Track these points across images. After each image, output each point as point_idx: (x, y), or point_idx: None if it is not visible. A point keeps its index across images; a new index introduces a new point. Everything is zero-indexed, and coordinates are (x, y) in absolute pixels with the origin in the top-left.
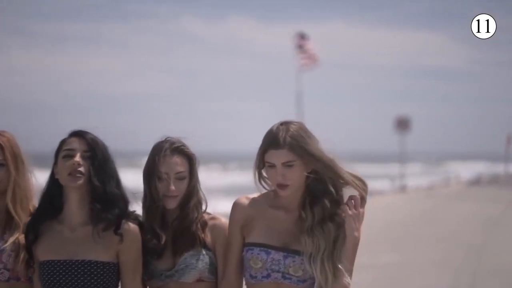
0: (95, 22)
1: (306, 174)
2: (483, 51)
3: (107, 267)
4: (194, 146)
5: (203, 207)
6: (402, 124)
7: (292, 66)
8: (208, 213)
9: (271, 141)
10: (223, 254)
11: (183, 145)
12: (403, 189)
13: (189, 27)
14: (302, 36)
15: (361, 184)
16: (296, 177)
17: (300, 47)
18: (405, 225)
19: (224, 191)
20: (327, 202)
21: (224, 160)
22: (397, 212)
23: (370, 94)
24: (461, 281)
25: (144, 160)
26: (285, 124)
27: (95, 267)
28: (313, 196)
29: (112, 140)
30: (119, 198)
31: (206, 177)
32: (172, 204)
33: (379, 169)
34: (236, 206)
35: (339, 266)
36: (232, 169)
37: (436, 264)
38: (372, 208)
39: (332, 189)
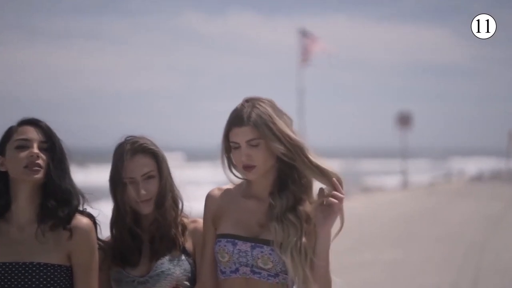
0: (97, 19)
1: (278, 156)
2: (485, 48)
3: (58, 271)
4: (158, 141)
5: (180, 206)
6: (404, 120)
7: (294, 62)
8: (189, 217)
9: (234, 118)
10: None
11: (145, 142)
12: (405, 185)
13: (191, 23)
14: (304, 33)
15: (336, 176)
16: (262, 157)
17: (303, 44)
18: (407, 223)
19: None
20: (295, 188)
21: None
22: (398, 209)
23: (372, 90)
24: (463, 279)
25: None
26: (251, 100)
27: (44, 271)
28: (283, 182)
29: (114, 137)
30: (74, 195)
31: (212, 174)
32: (147, 209)
33: (381, 166)
34: (207, 198)
35: (314, 259)
36: None
37: (438, 262)
38: (373, 205)
39: (298, 175)
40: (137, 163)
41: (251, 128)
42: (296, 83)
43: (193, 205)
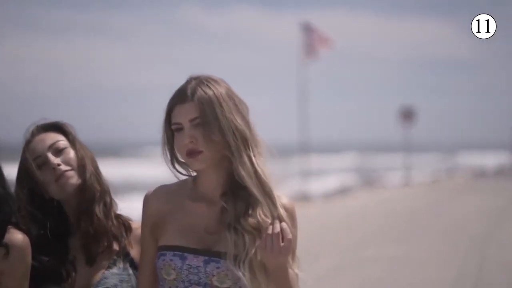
0: (98, 13)
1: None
2: (488, 42)
3: None
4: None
5: (110, 194)
6: (407, 115)
7: (296, 57)
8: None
9: (177, 95)
10: None
11: (58, 122)
12: (408, 181)
13: (193, 18)
14: (307, 27)
15: (274, 202)
16: (209, 141)
17: (306, 39)
18: (410, 218)
19: None
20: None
21: None
22: (401, 205)
23: (375, 85)
24: (466, 273)
25: (149, 150)
26: (199, 77)
27: None
28: (238, 181)
29: (115, 131)
30: (7, 199)
31: None
32: (69, 185)
33: (384, 161)
34: (145, 201)
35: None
36: None
37: (441, 257)
38: (376, 201)
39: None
40: (44, 137)
41: (195, 105)
42: (299, 78)
43: None
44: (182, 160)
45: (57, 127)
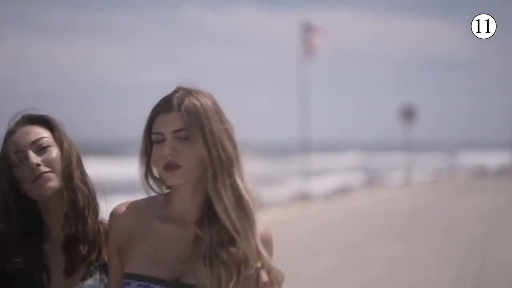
0: (100, 12)
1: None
2: (491, 41)
3: None
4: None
5: (96, 201)
6: (407, 115)
7: (296, 56)
8: None
9: (162, 103)
10: None
11: (46, 116)
12: (408, 180)
13: (192, 17)
14: (307, 27)
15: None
16: (191, 156)
17: (305, 38)
18: (410, 218)
19: None
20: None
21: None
22: (402, 204)
23: (375, 84)
24: (466, 274)
25: None
26: (187, 88)
27: None
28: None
29: (115, 130)
30: None
31: None
32: (48, 186)
33: (385, 160)
34: (111, 218)
35: None
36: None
37: (442, 256)
38: (377, 201)
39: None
40: (25, 131)
41: (181, 116)
42: (299, 77)
43: None
44: (157, 176)
45: (44, 121)
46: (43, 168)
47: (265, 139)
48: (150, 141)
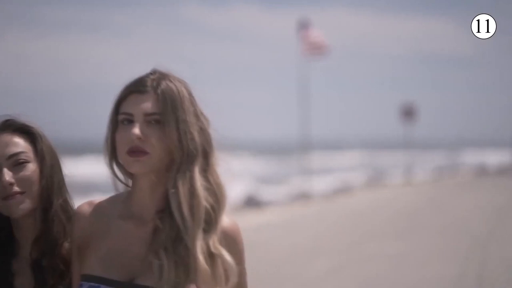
0: (100, 10)
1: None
2: (491, 39)
3: None
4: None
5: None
6: (408, 113)
7: (296, 54)
8: None
9: (135, 83)
10: None
11: (31, 127)
12: (409, 179)
13: (192, 14)
14: (305, 24)
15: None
16: (160, 144)
17: (304, 35)
18: (411, 216)
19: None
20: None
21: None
22: (403, 202)
23: (376, 83)
24: (468, 271)
25: None
26: (163, 72)
27: None
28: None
29: None
30: None
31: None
32: (16, 210)
33: (386, 158)
34: (73, 219)
35: None
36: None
37: (443, 254)
38: (377, 199)
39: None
40: (4, 142)
41: (156, 99)
42: (299, 75)
43: None
44: (121, 162)
45: (26, 132)
46: (16, 188)
47: (265, 137)
48: (117, 122)
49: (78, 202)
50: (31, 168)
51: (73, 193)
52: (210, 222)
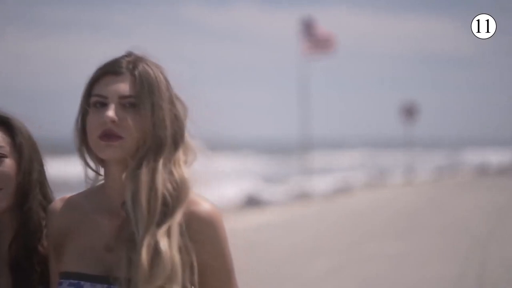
0: (100, 10)
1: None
2: (492, 38)
3: None
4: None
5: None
6: (409, 112)
7: (296, 54)
8: None
9: (110, 64)
10: None
11: (10, 119)
12: (410, 178)
13: (192, 14)
14: (308, 22)
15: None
16: (135, 128)
17: (307, 33)
18: (411, 216)
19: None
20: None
21: (231, 147)
22: (403, 202)
23: (377, 82)
24: (468, 271)
25: None
26: (139, 55)
27: None
28: None
29: None
30: None
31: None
32: None
33: (386, 158)
34: (47, 217)
35: None
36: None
37: (443, 254)
38: (377, 198)
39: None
40: None
41: (132, 81)
42: (299, 74)
43: None
44: (92, 147)
45: (5, 124)
46: None
47: (266, 137)
48: (88, 105)
49: None
50: (8, 163)
51: (73, 193)
52: (165, 218)
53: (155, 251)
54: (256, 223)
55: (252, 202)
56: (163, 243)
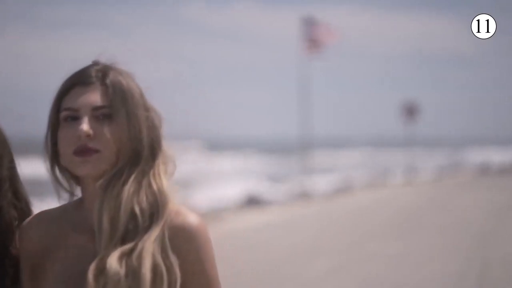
0: (101, 9)
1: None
2: (492, 37)
3: None
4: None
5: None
6: (409, 111)
7: (297, 54)
8: None
9: (78, 74)
10: None
11: None
12: (411, 178)
13: (193, 13)
14: (309, 21)
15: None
16: (112, 140)
17: (308, 32)
18: (412, 215)
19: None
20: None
21: (230, 147)
22: (404, 201)
23: (378, 80)
24: (469, 269)
25: None
26: (107, 64)
27: None
28: None
29: None
30: None
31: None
32: None
33: (387, 157)
34: (20, 236)
35: None
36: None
37: (444, 253)
38: (378, 198)
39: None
40: None
41: (104, 91)
42: (300, 74)
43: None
44: (65, 165)
45: None
46: None
47: (266, 137)
48: (58, 120)
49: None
50: None
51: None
52: (136, 234)
53: (101, 271)
54: (256, 223)
55: (252, 201)
56: (112, 262)
